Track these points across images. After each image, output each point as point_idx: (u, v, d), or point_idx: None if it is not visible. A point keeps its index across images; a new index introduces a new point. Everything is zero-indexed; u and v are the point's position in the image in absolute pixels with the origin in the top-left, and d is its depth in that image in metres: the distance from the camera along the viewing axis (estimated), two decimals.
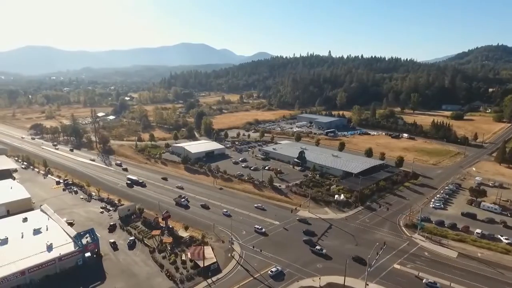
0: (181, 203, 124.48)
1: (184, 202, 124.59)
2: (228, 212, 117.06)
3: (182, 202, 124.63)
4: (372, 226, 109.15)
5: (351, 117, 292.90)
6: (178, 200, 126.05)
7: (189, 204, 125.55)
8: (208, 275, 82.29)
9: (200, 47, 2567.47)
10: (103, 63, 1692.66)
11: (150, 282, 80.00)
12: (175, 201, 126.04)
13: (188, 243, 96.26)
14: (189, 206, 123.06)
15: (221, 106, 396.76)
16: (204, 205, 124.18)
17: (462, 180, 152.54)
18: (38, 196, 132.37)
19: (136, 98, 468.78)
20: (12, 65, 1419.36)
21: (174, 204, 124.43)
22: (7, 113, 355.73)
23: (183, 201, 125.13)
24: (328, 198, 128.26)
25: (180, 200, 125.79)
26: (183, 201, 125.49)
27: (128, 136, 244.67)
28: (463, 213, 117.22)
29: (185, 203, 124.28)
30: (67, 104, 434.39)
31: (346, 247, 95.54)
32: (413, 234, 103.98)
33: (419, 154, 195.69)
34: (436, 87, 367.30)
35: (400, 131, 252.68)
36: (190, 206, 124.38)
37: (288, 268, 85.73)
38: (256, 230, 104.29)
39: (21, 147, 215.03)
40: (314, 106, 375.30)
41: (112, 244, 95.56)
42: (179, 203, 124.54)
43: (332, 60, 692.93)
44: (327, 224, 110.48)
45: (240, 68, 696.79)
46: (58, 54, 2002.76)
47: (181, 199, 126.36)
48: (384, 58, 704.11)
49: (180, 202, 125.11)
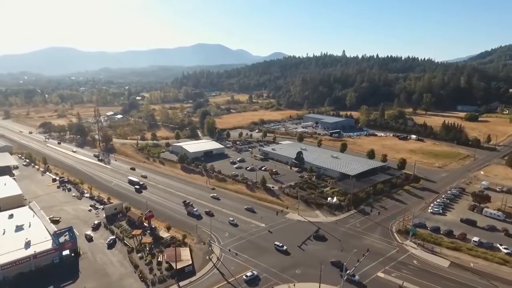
0: (193, 212, 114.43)
1: (197, 212, 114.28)
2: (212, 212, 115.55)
3: (195, 212, 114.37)
4: (362, 231, 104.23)
5: (358, 118, 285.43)
6: (190, 210, 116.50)
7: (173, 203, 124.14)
8: (181, 277, 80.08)
9: (216, 48, 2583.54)
10: (121, 63, 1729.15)
11: (121, 283, 78.53)
12: (187, 211, 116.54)
13: (168, 244, 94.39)
14: (201, 217, 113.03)
15: (229, 106, 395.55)
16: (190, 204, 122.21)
17: (467, 184, 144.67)
18: (32, 193, 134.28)
19: (147, 97, 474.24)
20: (35, 66, 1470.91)
21: (186, 214, 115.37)
22: (22, 112, 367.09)
23: (196, 211, 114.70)
24: (321, 201, 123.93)
25: (193, 210, 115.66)
26: (196, 210, 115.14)
27: (133, 135, 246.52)
28: (462, 220, 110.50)
29: (197, 212, 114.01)
30: (80, 103, 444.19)
31: (330, 252, 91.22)
32: (404, 241, 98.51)
33: (426, 157, 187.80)
34: (451, 87, 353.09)
35: (409, 133, 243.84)
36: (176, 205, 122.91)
37: (265, 273, 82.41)
38: None
39: (28, 145, 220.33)
40: (323, 106, 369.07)
41: (88, 239, 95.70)
42: (192, 213, 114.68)
43: (346, 60, 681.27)
44: (315, 227, 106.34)
45: (252, 68, 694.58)
46: (79, 55, 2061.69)
47: (193, 209, 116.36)
48: (400, 58, 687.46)
49: (192, 212, 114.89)
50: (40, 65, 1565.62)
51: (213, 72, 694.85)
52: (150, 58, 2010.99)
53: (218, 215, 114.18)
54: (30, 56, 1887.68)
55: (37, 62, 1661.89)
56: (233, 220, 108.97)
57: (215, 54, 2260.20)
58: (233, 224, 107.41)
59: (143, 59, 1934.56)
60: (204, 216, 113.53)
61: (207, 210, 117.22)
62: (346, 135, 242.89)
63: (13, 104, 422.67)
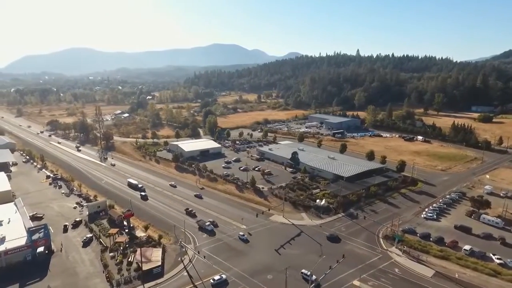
0: (205, 227, 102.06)
1: (210, 227, 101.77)
2: None
3: (207, 227, 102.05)
4: (346, 235, 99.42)
5: (365, 118, 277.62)
6: (202, 224, 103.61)
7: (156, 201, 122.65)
8: (148, 279, 78.07)
9: (231, 48, 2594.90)
10: (138, 63, 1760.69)
11: (87, 283, 77.27)
12: (198, 225, 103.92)
13: (144, 243, 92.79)
14: (214, 232, 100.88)
15: (236, 105, 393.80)
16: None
17: (470, 189, 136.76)
18: (24, 189, 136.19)
19: (157, 97, 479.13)
20: (56, 66, 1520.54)
21: (198, 229, 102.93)
22: (35, 110, 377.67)
23: (208, 225, 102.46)
24: (309, 203, 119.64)
25: (204, 224, 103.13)
26: (208, 225, 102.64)
27: (136, 133, 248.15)
28: (456, 226, 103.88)
29: (210, 228, 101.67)
30: (92, 102, 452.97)
31: (307, 258, 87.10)
32: (390, 247, 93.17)
33: (430, 159, 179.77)
34: (466, 87, 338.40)
35: (416, 134, 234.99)
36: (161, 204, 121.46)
37: (235, 277, 79.35)
38: None
39: (32, 142, 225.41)
40: (331, 106, 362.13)
41: None
42: (203, 227, 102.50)
43: (359, 59, 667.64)
44: (298, 231, 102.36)
45: (263, 68, 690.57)
46: (98, 55, 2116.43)
47: (205, 223, 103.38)
48: (417, 57, 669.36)
49: (204, 226, 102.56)
50: (61, 65, 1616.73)
51: (224, 71, 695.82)
52: (167, 58, 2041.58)
53: (199, 215, 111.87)
54: (52, 57, 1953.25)
55: (58, 63, 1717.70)
56: (213, 221, 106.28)
57: (230, 54, 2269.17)
58: (213, 225, 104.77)
59: (160, 59, 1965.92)
60: (186, 216, 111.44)
61: (190, 209, 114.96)
62: (350, 135, 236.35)
63: (28, 102, 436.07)
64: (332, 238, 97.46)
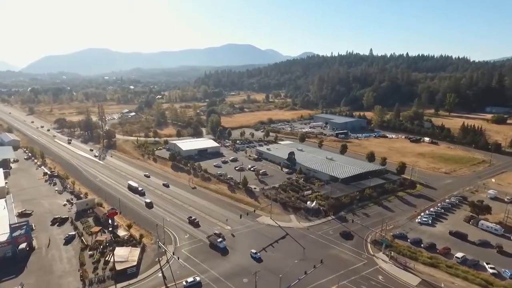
0: (217, 243, 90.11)
1: (222, 244, 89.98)
2: None
3: (219, 244, 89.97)
4: (332, 239, 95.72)
5: (371, 118, 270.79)
6: (213, 240, 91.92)
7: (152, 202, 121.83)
8: (121, 278, 76.84)
9: (245, 48, 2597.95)
10: (153, 63, 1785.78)
11: (60, 281, 76.70)
12: (209, 241, 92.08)
13: (124, 242, 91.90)
14: (227, 250, 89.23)
15: (243, 105, 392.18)
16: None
17: (472, 193, 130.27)
18: (19, 185, 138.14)
19: (165, 96, 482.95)
20: (74, 66, 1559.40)
21: (209, 245, 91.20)
22: (46, 109, 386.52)
23: (220, 242, 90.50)
24: (300, 205, 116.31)
25: (216, 240, 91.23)
26: (220, 241, 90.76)
27: (139, 132, 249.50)
28: (451, 232, 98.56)
29: (222, 245, 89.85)
30: (103, 101, 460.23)
31: (287, 262, 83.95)
32: (377, 253, 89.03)
33: (435, 161, 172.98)
34: (480, 87, 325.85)
35: (423, 135, 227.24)
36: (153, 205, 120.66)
37: (210, 279, 77.18)
38: None
39: (37, 139, 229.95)
40: (339, 106, 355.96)
41: None
42: (214, 243, 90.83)
43: (372, 59, 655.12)
44: (283, 233, 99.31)
45: (273, 68, 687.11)
46: (114, 56, 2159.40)
47: (216, 239, 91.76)
48: (432, 57, 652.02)
49: (216, 242, 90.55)
50: (79, 65, 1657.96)
51: (234, 71, 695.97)
52: (181, 58, 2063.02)
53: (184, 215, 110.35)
54: (70, 57, 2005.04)
55: (76, 63, 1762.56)
56: (195, 219, 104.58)
57: (244, 54, 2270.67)
58: (196, 225, 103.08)
59: (174, 60, 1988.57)
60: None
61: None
62: (354, 136, 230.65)
63: (41, 101, 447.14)
64: (345, 234, 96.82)
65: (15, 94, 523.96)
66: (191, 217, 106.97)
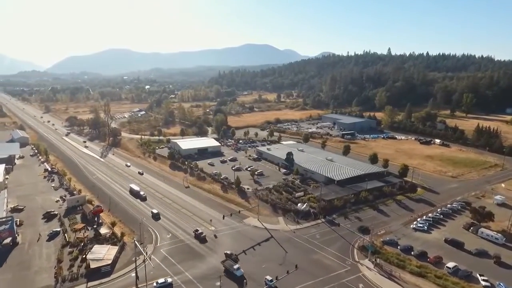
0: (233, 271, 76.61)
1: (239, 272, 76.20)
2: None
3: (236, 271, 76.27)
4: (318, 243, 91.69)
5: (382, 119, 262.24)
6: (229, 266, 78.46)
7: None
8: (94, 277, 76.14)
9: (263, 48, 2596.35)
10: (171, 64, 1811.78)
11: (35, 277, 76.73)
12: (223, 266, 79.18)
13: (105, 240, 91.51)
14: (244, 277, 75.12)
15: (253, 104, 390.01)
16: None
17: (478, 198, 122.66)
18: (18, 181, 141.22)
19: (178, 95, 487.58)
20: (96, 66, 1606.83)
21: (223, 271, 77.73)
22: (62, 107, 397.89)
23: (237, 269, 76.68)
24: (290, 206, 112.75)
25: (232, 267, 77.49)
26: (237, 268, 76.90)
27: (146, 130, 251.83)
28: (446, 240, 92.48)
29: (240, 273, 76.03)
30: (118, 100, 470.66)
31: (267, 265, 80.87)
32: (363, 259, 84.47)
33: (443, 164, 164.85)
34: (501, 87, 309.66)
35: (435, 136, 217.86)
36: None
37: (183, 281, 75.24)
38: None
39: (47, 136, 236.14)
40: (351, 106, 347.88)
41: None
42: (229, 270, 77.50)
43: (389, 58, 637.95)
44: (268, 235, 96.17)
45: (287, 67, 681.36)
46: (135, 56, 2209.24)
47: (232, 266, 78.05)
48: (454, 56, 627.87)
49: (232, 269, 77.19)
50: (100, 65, 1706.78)
51: (248, 71, 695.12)
52: (200, 58, 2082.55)
53: (171, 214, 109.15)
54: (92, 57, 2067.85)
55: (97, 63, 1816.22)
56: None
57: (262, 54, 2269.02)
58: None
59: (192, 60, 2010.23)
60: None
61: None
62: (361, 137, 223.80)
63: (59, 100, 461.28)
64: (362, 229, 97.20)
65: (36, 93, 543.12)
66: (197, 231, 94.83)
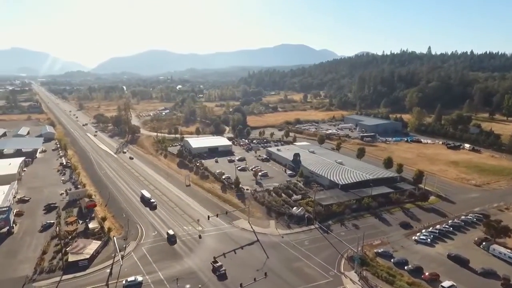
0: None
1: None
2: None
3: None
4: (305, 251, 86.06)
5: (408, 121, 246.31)
6: None
7: None
8: (70, 270, 76.89)
9: (299, 48, 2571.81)
10: (207, 64, 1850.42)
11: (17, 266, 78.99)
12: None
13: (91, 234, 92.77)
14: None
15: (277, 104, 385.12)
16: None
17: (501, 211, 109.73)
18: (33, 174, 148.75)
19: (205, 95, 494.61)
20: (136, 67, 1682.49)
21: None
22: (95, 105, 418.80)
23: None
24: (285, 210, 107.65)
25: None
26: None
27: (165, 128, 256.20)
28: (450, 256, 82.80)
29: None
30: (148, 99, 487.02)
31: (244, 270, 77.05)
32: (349, 271, 77.81)
33: (468, 171, 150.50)
34: None
35: (464, 141, 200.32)
36: None
37: (152, 280, 73.60)
38: None
39: (73, 132, 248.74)
40: (379, 107, 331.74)
41: None
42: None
43: (429, 57, 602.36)
44: (254, 239, 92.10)
45: (318, 67, 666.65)
46: (172, 57, 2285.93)
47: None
48: (503, 54, 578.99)
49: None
50: (140, 66, 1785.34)
51: (278, 71, 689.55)
52: (234, 59, 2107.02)
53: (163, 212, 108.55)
54: (133, 58, 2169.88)
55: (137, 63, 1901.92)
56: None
57: (297, 54, 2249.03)
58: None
59: (227, 60, 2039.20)
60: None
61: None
62: (382, 139, 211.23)
63: (94, 98, 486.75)
64: (404, 225, 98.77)
65: (75, 91, 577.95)
66: (215, 263, 78.22)
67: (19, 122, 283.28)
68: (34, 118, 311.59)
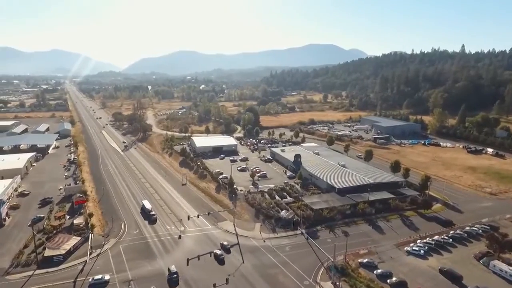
0: None
1: None
2: None
3: None
4: (284, 257, 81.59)
5: (429, 123, 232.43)
6: None
7: None
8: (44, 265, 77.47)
9: (328, 48, 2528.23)
10: (233, 65, 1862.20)
11: None
12: None
13: (74, 230, 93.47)
14: None
15: (295, 105, 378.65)
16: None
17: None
18: (41, 168, 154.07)
19: (226, 94, 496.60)
20: (165, 67, 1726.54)
21: None
22: (118, 104, 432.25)
23: None
24: (273, 213, 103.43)
25: None
26: None
27: (178, 127, 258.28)
28: (442, 270, 75.22)
29: None
30: (170, 98, 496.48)
31: (213, 276, 74.08)
32: (325, 281, 72.60)
33: (485, 178, 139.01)
34: None
35: (488, 145, 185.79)
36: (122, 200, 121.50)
37: (120, 280, 72.31)
38: None
39: (90, 129, 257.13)
40: (401, 108, 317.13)
41: None
42: None
43: (461, 56, 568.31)
44: (235, 242, 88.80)
45: (342, 67, 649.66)
46: (200, 57, 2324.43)
47: None
48: None
49: None
50: (169, 66, 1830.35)
51: (300, 71, 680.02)
52: (261, 59, 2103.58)
53: None
54: (162, 59, 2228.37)
55: (166, 64, 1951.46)
56: (154, 215, 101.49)
57: (326, 54, 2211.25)
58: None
59: (254, 61, 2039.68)
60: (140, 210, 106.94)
61: None
62: (397, 142, 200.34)
63: (118, 97, 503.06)
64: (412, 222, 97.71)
65: (103, 91, 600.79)
66: None
67: (43, 119, 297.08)
68: (58, 115, 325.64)
